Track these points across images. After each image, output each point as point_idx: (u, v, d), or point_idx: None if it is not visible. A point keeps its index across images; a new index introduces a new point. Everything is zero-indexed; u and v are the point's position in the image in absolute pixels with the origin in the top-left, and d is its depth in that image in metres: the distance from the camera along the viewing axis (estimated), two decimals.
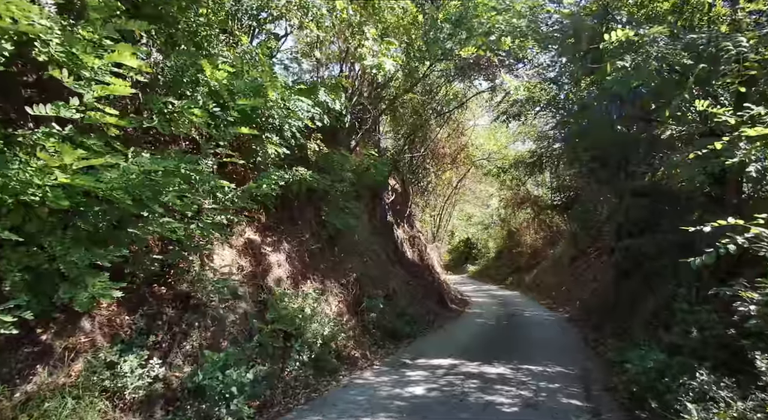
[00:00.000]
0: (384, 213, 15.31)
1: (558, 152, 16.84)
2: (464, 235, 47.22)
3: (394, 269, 14.17)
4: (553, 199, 25.66)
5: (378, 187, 14.44)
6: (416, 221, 20.53)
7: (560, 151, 16.53)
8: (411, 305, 13.49)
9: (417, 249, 18.47)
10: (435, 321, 14.40)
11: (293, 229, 9.44)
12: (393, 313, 11.69)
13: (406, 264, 16.29)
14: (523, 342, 12.08)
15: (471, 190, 33.19)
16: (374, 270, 12.25)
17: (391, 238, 15.42)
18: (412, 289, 14.68)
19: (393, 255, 15.11)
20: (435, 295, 17.35)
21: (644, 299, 11.49)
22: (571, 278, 24.79)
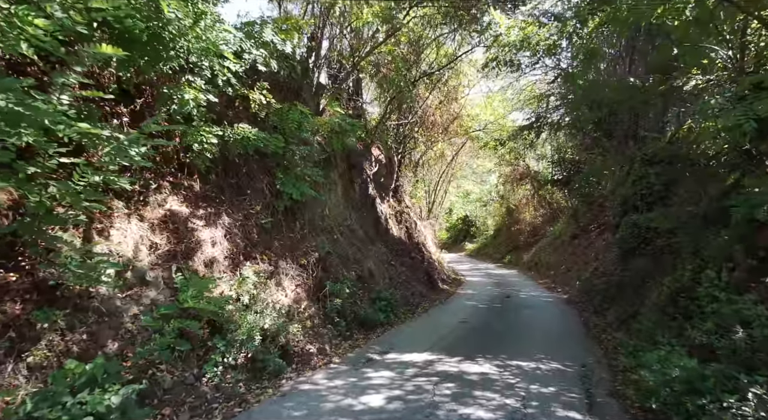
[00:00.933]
0: (365, 185, 13.63)
1: (559, 115, 14.89)
2: (462, 212, 45.53)
3: (374, 247, 12.54)
4: (554, 174, 23.87)
5: (353, 154, 12.71)
6: (406, 196, 18.84)
7: (562, 114, 14.58)
8: (391, 288, 11.89)
9: (404, 225, 16.82)
10: (420, 305, 12.82)
11: (239, 200, 7.76)
12: (367, 298, 10.09)
13: (390, 242, 14.66)
14: (515, 329, 10.49)
15: (468, 165, 31.38)
16: (347, 248, 10.61)
17: (372, 213, 13.76)
18: (395, 270, 13.08)
19: (374, 232, 13.47)
20: (423, 276, 15.76)
21: (656, 282, 9.87)
22: (571, 257, 23.19)
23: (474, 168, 34.54)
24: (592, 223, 23.28)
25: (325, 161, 10.86)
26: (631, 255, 12.32)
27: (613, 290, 12.82)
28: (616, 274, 13.19)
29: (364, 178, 13.82)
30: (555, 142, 23.29)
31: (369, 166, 14.72)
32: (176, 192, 6.59)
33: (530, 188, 32.29)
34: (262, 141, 7.37)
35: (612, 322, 11.24)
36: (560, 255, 24.88)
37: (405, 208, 17.84)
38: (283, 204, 8.32)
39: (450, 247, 46.42)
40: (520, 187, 33.04)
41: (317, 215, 10.07)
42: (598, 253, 19.67)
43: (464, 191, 43.32)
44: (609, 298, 12.84)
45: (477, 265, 33.35)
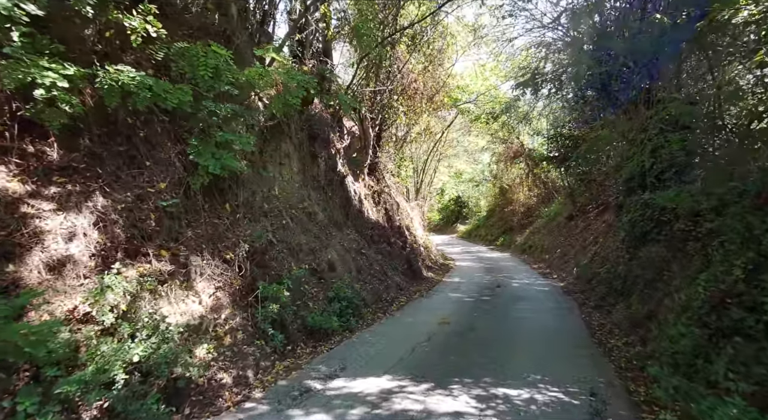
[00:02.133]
0: (332, 161, 11.45)
1: (559, 69, 12.46)
2: (454, 193, 43.39)
3: (340, 234, 10.43)
4: (550, 151, 21.69)
5: (316, 123, 10.50)
6: (387, 174, 16.68)
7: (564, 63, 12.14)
8: (359, 282, 9.83)
9: (383, 207, 14.70)
10: (395, 301, 10.78)
11: (130, 175, 5.60)
12: (322, 298, 8.01)
13: (364, 226, 12.55)
14: (505, 334, 8.45)
15: (459, 143, 29.15)
16: (300, 236, 8.50)
17: (341, 194, 11.62)
18: (366, 260, 10.99)
19: (342, 215, 11.35)
20: (403, 264, 13.70)
21: (679, 276, 7.82)
22: (567, 240, 21.21)
23: (466, 146, 32.27)
24: (590, 204, 21.24)
25: (272, 129, 8.67)
26: (640, 241, 10.28)
27: (618, 282, 10.80)
28: (623, 262, 11.16)
29: (332, 152, 11.62)
30: (551, 116, 21.08)
31: (339, 138, 12.51)
32: (5, 161, 4.42)
33: (525, 167, 30.19)
34: (153, 91, 5.17)
35: (620, 321, 9.23)
36: (555, 237, 22.92)
37: (385, 187, 15.69)
38: (200, 181, 6.15)
39: (442, 228, 44.45)
40: (514, 166, 30.94)
41: (260, 196, 7.92)
42: (598, 236, 17.65)
43: (457, 171, 41.12)
44: (614, 291, 10.83)
45: (469, 247, 31.40)
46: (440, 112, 20.79)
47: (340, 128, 12.79)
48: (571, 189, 22.41)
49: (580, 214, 21.64)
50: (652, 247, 9.70)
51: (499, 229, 33.39)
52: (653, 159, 8.97)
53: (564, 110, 20.28)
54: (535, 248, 24.50)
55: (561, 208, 24.62)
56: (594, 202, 20.86)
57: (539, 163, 25.10)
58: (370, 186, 14.34)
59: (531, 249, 25.05)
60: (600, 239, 16.89)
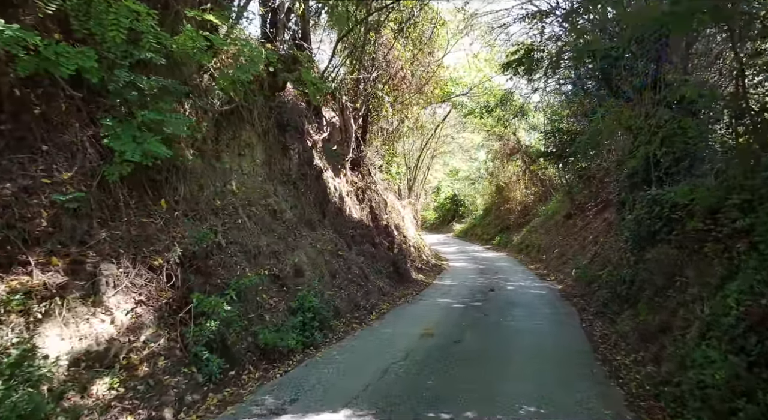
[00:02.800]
0: (307, 153, 10.25)
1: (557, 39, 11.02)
2: (450, 191, 42.14)
3: (312, 234, 9.21)
4: (547, 146, 20.47)
5: (286, 111, 9.30)
6: (374, 170, 15.47)
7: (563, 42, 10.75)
8: (333, 288, 8.63)
9: (368, 205, 13.49)
10: (375, 308, 9.56)
11: (17, 160, 4.39)
12: (283, 310, 6.79)
13: (344, 225, 11.35)
14: (495, 349, 7.24)
15: (453, 139, 27.90)
16: (259, 237, 7.28)
17: (317, 189, 10.40)
18: (344, 263, 9.78)
19: (317, 213, 10.13)
20: (388, 267, 12.50)
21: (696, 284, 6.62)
22: (565, 239, 20.03)
23: (461, 143, 31.03)
24: (589, 201, 20.05)
25: (229, 115, 7.46)
26: (648, 241, 9.09)
27: (623, 287, 9.58)
28: (627, 265, 9.95)
29: (308, 144, 10.42)
30: (548, 110, 19.86)
31: (317, 129, 11.32)
32: None
33: (521, 164, 29.03)
34: (40, 55, 3.96)
35: (627, 333, 8.03)
36: (553, 237, 21.74)
37: (371, 184, 14.49)
38: (118, 171, 4.93)
39: (438, 227, 43.24)
40: (511, 163, 29.76)
41: (210, 190, 6.71)
42: (598, 236, 16.47)
43: (453, 169, 39.90)
44: (619, 297, 9.62)
45: (464, 247, 30.22)
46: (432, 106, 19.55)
47: (319, 119, 11.59)
48: (570, 186, 21.24)
49: (578, 213, 20.47)
50: (661, 249, 8.51)
51: (496, 228, 32.23)
52: (664, 148, 7.75)
53: (562, 103, 19.09)
54: (532, 248, 23.33)
55: (559, 206, 23.45)
56: (593, 199, 19.67)
57: (536, 160, 23.92)
58: (353, 182, 13.13)
59: (528, 249, 23.88)
60: (600, 239, 15.70)
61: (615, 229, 13.63)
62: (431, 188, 42.71)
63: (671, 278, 7.78)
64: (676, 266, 7.81)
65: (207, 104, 6.79)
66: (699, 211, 7.50)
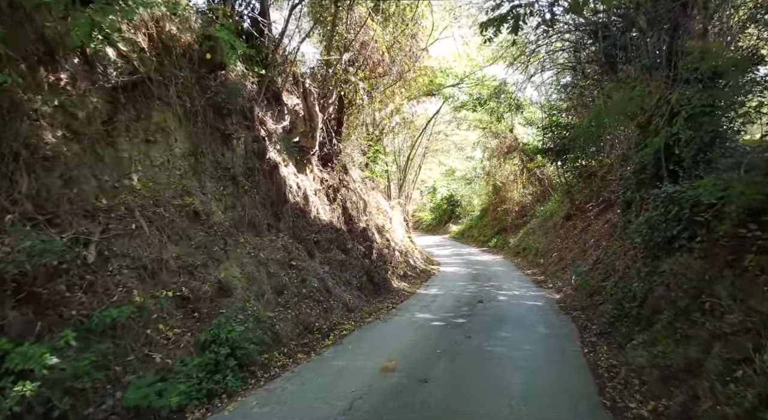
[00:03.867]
0: (259, 144, 8.50)
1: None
2: (447, 192, 40.28)
3: (256, 241, 7.44)
4: (544, 143, 18.66)
5: (223, 90, 7.53)
6: (352, 167, 13.72)
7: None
8: (275, 308, 6.86)
9: (340, 205, 11.73)
10: (335, 329, 7.80)
11: None
12: (185, 346, 5.03)
13: (306, 229, 9.58)
14: (471, 391, 5.45)
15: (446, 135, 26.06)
16: (167, 247, 5.53)
17: (269, 187, 8.64)
18: (299, 274, 8.01)
19: (268, 215, 8.36)
20: (361, 277, 10.72)
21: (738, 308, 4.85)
22: (564, 242, 18.21)
23: (456, 141, 29.21)
24: (590, 201, 18.23)
25: (133, 89, 5.72)
26: (664, 249, 7.36)
27: (633, 304, 7.78)
28: (638, 277, 8.15)
29: (260, 133, 8.67)
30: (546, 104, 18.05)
31: (275, 117, 9.57)
32: None
33: (519, 163, 27.23)
34: None
35: (641, 367, 6.24)
36: (552, 239, 19.94)
37: (347, 182, 12.73)
38: None
39: (434, 229, 41.43)
40: (508, 161, 27.97)
41: (91, 185, 4.97)
42: (600, 239, 14.66)
43: (449, 168, 38.07)
44: (628, 316, 7.83)
45: (460, 249, 28.46)
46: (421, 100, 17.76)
47: (278, 105, 9.85)
48: (569, 185, 19.43)
49: (578, 213, 18.66)
50: (681, 259, 6.77)
51: (493, 230, 30.45)
52: (690, 132, 5.93)
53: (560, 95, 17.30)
54: (529, 251, 21.52)
55: (557, 206, 21.66)
56: (594, 199, 17.85)
57: (533, 158, 22.12)
58: (322, 180, 11.37)
59: (525, 252, 22.08)
60: (602, 242, 13.89)
61: (619, 232, 11.85)
62: (427, 189, 40.92)
63: (697, 298, 6.02)
64: (702, 282, 6.06)
65: (96, 73, 5.05)
66: (733, 213, 5.77)
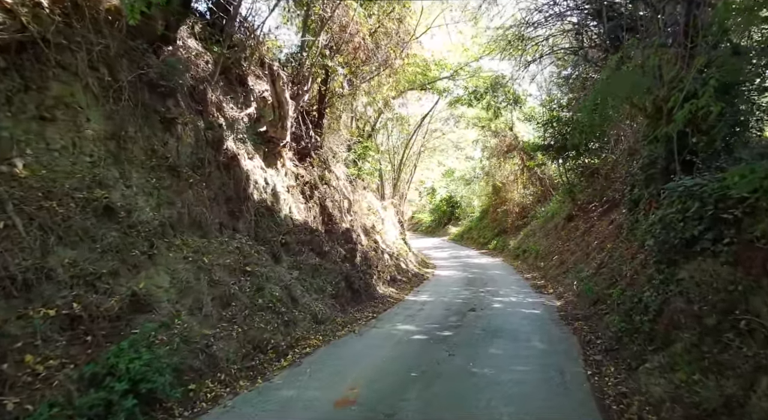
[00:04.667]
0: (215, 131, 7.33)
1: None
2: (446, 192, 38.97)
3: (200, 243, 6.26)
4: (544, 139, 17.38)
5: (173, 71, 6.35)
6: (335, 163, 12.53)
7: None
8: (217, 324, 5.66)
9: (317, 204, 10.53)
10: (295, 347, 6.59)
11: None
12: (64, 384, 3.84)
13: (273, 229, 8.38)
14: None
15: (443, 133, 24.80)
16: (56, 251, 4.34)
17: (226, 181, 7.46)
18: (254, 282, 6.81)
19: (219, 212, 7.17)
20: (338, 283, 9.50)
21: None
22: (565, 244, 16.90)
23: (454, 140, 27.95)
24: (593, 201, 16.95)
25: (18, 51, 4.54)
26: (681, 253, 6.13)
27: (645, 318, 6.51)
28: (650, 285, 6.90)
29: (216, 120, 7.50)
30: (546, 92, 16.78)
31: (239, 103, 8.40)
32: None
33: (519, 162, 25.96)
34: None
35: (660, 400, 4.99)
36: (553, 241, 18.64)
37: (327, 179, 11.53)
38: None
39: (434, 230, 40.15)
40: (508, 161, 26.70)
41: None
42: (604, 241, 13.35)
43: (448, 169, 36.79)
44: (639, 331, 6.57)
45: (458, 251, 27.18)
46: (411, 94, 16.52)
47: (244, 90, 8.68)
48: (571, 184, 18.15)
49: (581, 214, 17.37)
50: (704, 264, 5.56)
51: (492, 232, 29.17)
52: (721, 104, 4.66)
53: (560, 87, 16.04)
54: (529, 253, 20.21)
55: (559, 206, 20.38)
56: (597, 198, 16.57)
57: (533, 156, 20.85)
58: (297, 175, 10.18)
59: (525, 254, 20.79)
60: (607, 245, 12.59)
61: (626, 233, 10.61)
62: (426, 189, 39.65)
63: (728, 314, 4.81)
64: (733, 294, 4.85)
65: None
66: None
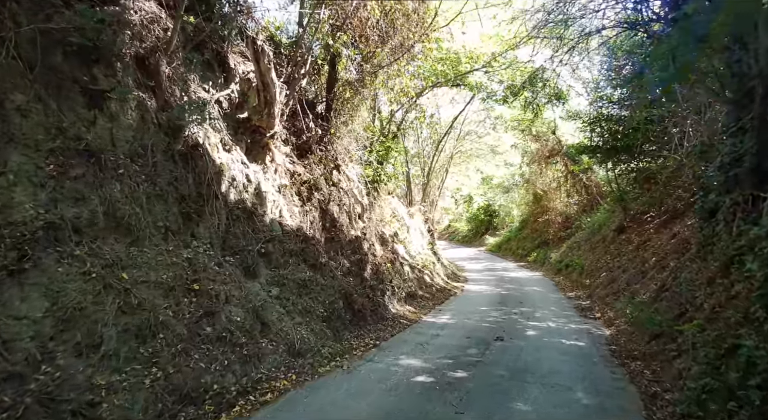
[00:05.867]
0: (169, 114, 5.82)
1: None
2: (483, 201, 36.52)
3: (130, 252, 4.69)
4: (591, 139, 15.02)
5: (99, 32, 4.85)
6: (347, 162, 10.85)
7: None
8: (126, 365, 4.04)
9: (317, 207, 8.85)
10: (251, 393, 4.89)
11: None
12: None
13: (248, 236, 6.74)
14: None
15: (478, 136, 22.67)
16: None
17: (186, 175, 5.91)
18: (206, 303, 5.16)
19: (168, 213, 5.58)
20: (334, 302, 7.74)
21: None
22: (616, 259, 14.41)
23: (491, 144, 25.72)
24: (649, 211, 14.42)
25: None
26: None
27: (751, 383, 4.33)
28: (753, 328, 4.70)
29: (174, 100, 5.97)
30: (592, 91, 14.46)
31: (213, 84, 6.86)
32: None
33: (562, 168, 23.50)
34: None
35: None
36: (600, 255, 16.15)
37: (335, 180, 9.85)
38: None
39: (471, 240, 37.75)
40: (550, 167, 24.28)
41: None
42: (665, 258, 10.90)
43: (486, 176, 34.44)
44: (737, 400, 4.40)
45: (494, 264, 24.86)
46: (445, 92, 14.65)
47: (223, 70, 7.15)
48: (622, 192, 15.64)
49: (633, 225, 14.86)
50: None
51: (533, 243, 26.66)
52: None
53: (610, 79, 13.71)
54: (573, 268, 17.75)
55: (608, 217, 17.84)
56: (654, 208, 14.05)
57: (577, 160, 18.43)
58: (294, 174, 8.54)
59: (568, 269, 18.34)
60: (670, 263, 10.17)
61: (697, 250, 8.30)
62: (463, 197, 37.38)
63: None
64: None
65: None
66: None
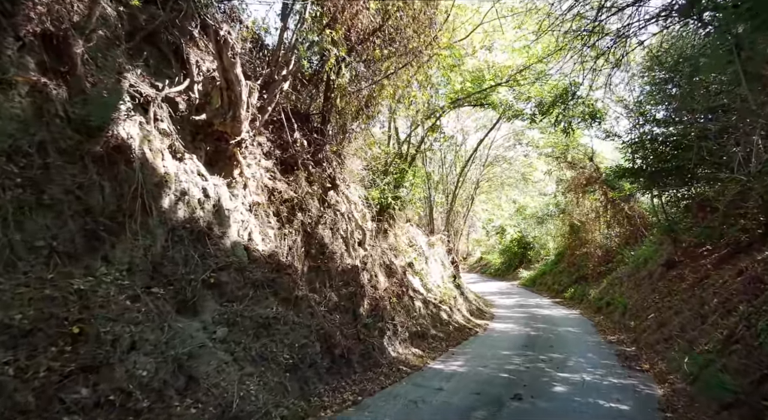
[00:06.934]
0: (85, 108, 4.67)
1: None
2: (516, 232, 34.22)
3: None
4: (633, 160, 13.09)
5: None
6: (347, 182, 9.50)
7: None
8: None
9: (299, 230, 7.44)
10: None
11: None
12: None
13: (192, 262, 5.40)
14: None
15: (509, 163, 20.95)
16: None
17: (100, 181, 4.68)
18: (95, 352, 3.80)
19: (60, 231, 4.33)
20: (305, 347, 6.20)
21: None
22: (666, 299, 12.11)
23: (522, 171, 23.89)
24: (705, 243, 12.19)
25: None
26: None
27: None
28: None
29: (94, 91, 4.83)
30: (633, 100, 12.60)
31: (165, 77, 5.74)
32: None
33: (601, 197, 21.34)
34: None
35: None
36: (646, 294, 13.83)
37: (332, 201, 8.48)
38: None
39: (503, 274, 35.29)
40: (587, 196, 22.18)
41: None
42: (729, 300, 8.70)
43: (520, 205, 32.33)
44: None
45: (527, 299, 22.59)
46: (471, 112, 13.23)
47: (179, 63, 6.02)
48: (671, 222, 13.46)
49: (686, 260, 12.57)
50: None
51: (570, 278, 24.22)
52: None
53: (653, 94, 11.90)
54: (614, 307, 15.41)
55: (654, 250, 15.53)
56: (714, 239, 11.82)
57: (617, 186, 16.39)
58: (273, 190, 7.23)
59: (609, 308, 16.01)
60: (739, 307, 8.03)
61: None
62: (494, 228, 35.21)
63: None
64: None
65: None
66: None
